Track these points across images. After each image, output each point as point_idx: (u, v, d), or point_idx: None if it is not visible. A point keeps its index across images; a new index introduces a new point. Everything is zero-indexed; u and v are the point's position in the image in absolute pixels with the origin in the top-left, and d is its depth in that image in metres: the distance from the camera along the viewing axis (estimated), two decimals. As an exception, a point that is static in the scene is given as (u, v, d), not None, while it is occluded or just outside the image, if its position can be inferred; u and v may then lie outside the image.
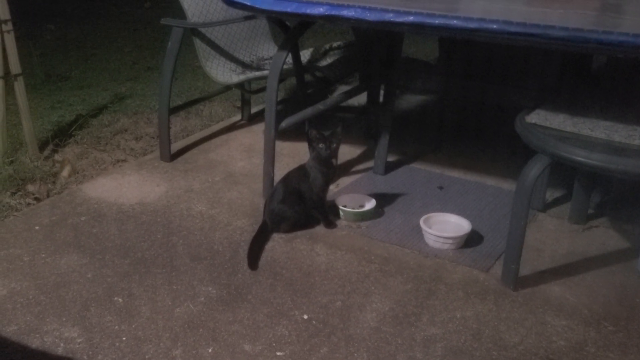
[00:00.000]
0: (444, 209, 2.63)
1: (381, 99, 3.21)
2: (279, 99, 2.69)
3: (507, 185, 2.88)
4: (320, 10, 2.25)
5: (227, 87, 3.44)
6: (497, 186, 2.92)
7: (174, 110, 3.19)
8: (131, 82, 4.33)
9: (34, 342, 1.88)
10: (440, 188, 2.89)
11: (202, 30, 3.01)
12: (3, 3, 2.77)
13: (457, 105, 3.53)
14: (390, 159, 3.08)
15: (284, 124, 2.69)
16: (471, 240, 2.46)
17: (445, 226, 2.49)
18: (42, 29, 5.69)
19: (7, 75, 2.87)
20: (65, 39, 5.53)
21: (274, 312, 2.05)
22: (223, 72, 3.07)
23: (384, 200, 2.74)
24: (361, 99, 3.57)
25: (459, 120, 3.60)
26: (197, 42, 3.01)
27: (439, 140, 3.36)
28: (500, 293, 2.16)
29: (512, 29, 1.98)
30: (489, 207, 2.72)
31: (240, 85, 3.31)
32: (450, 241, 2.41)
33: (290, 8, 2.30)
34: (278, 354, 1.87)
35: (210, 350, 1.88)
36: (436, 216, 2.54)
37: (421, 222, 2.47)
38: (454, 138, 3.41)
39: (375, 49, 3.09)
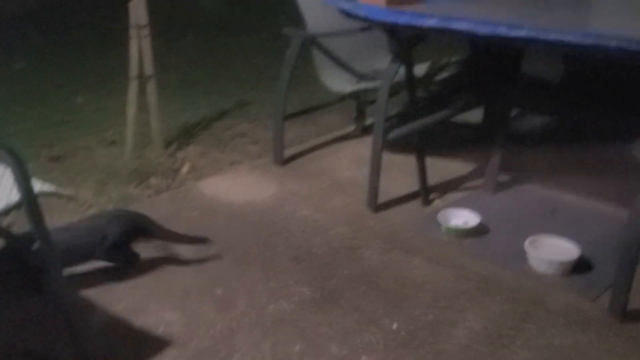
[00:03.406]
0: (554, 232, 2.52)
1: (489, 117, 3.13)
2: (392, 112, 2.71)
3: (624, 214, 2.71)
4: (432, 22, 2.25)
5: (344, 98, 3.50)
6: (614, 214, 2.75)
7: (289, 117, 3.29)
8: (255, 90, 4.53)
9: (138, 321, 2.02)
10: (552, 212, 2.77)
11: (321, 40, 3.09)
12: (142, 10, 3.01)
13: (575, 127, 3.37)
14: (502, 178, 2.99)
15: (392, 136, 2.71)
16: (579, 267, 2.33)
17: (552, 250, 2.38)
18: (182, 38, 6.08)
19: (142, 77, 3.11)
20: (202, 47, 5.87)
21: (364, 319, 2.06)
22: (338, 82, 3.14)
23: (490, 219, 2.66)
24: (476, 115, 3.51)
25: (577, 143, 3.43)
26: (315, 52, 3.10)
27: (554, 162, 3.21)
28: (604, 324, 2.04)
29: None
30: (602, 235, 2.56)
31: (355, 96, 3.36)
32: (557, 265, 2.31)
33: (402, 19, 2.32)
34: (363, 358, 1.88)
35: (297, 348, 1.93)
36: (544, 239, 2.43)
37: (526, 244, 2.38)
38: (571, 161, 3.25)
39: (492, 65, 3.03)
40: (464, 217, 2.62)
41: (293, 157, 3.32)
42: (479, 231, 2.57)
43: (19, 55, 4.86)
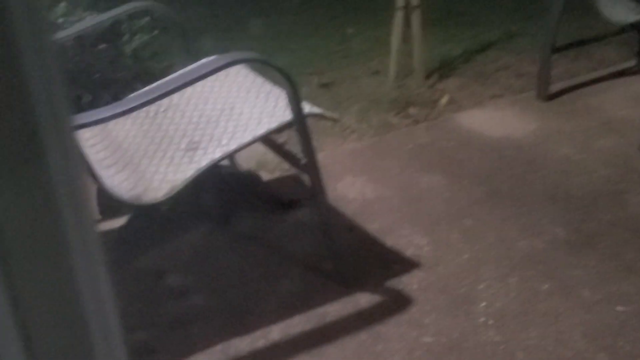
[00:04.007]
0: None
1: None
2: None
3: None
4: None
5: (624, 29, 3.16)
6: None
7: (559, 50, 3.08)
8: (525, 21, 4.29)
9: (389, 241, 2.14)
10: None
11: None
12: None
13: None
14: None
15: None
16: None
17: None
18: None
19: (407, 7, 3.15)
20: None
21: (623, 267, 1.92)
22: (619, 10, 2.84)
23: None
24: None
25: None
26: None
27: None
28: None
29: None
30: None
31: (637, 28, 3.02)
32: None
33: None
34: (618, 308, 1.77)
35: (545, 287, 1.88)
36: None
37: None
38: None
39: None
40: None
41: (559, 93, 3.12)
42: None
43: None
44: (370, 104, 3.06)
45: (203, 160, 1.67)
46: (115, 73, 2.46)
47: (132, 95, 1.53)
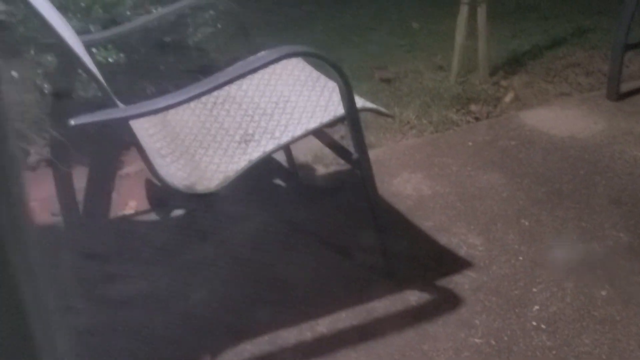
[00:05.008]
0: None
1: None
2: None
3: None
4: None
5: None
6: None
7: (632, 47, 2.95)
8: (598, 15, 4.13)
9: (442, 240, 2.11)
10: None
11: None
12: None
13: None
14: None
15: None
16: None
17: None
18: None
19: (473, 1, 3.08)
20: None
21: (689, 277, 1.83)
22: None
23: None
24: None
25: None
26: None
27: None
28: None
29: None
30: None
31: None
32: None
33: None
34: (680, 319, 1.69)
35: (603, 293, 1.82)
36: None
37: None
38: None
39: None
40: None
41: (630, 93, 2.99)
42: None
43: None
44: (431, 99, 3.02)
45: (255, 152, 1.69)
46: (179, 65, 2.52)
47: (188, 86, 1.56)
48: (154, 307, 1.88)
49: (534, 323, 1.76)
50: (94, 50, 2.18)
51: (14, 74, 2.05)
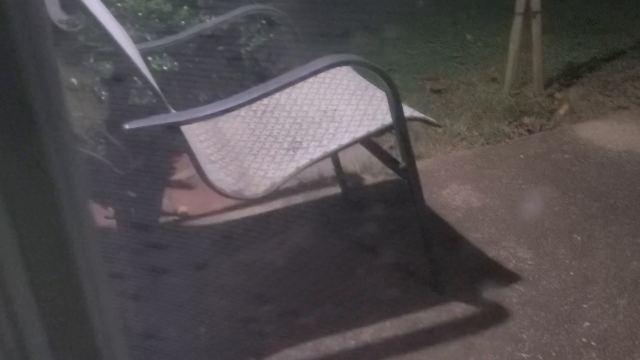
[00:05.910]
0: None
1: None
2: None
3: None
4: None
5: None
6: None
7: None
8: (661, 28, 4.02)
9: (491, 252, 2.08)
10: None
11: None
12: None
13: None
14: None
15: None
16: None
17: None
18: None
19: (527, 12, 3.04)
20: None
21: None
22: None
23: None
24: None
25: None
26: None
27: None
28: None
29: None
30: None
31: None
32: None
33: None
34: None
35: (658, 313, 1.75)
36: None
37: None
38: None
39: None
40: None
41: (693, 106, 2.90)
42: None
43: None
44: (483, 111, 2.99)
45: (303, 159, 1.71)
46: (232, 74, 2.58)
47: (238, 94, 1.60)
48: (204, 315, 1.91)
49: (584, 340, 1.71)
50: (149, 58, 2.24)
51: (74, 81, 2.13)
